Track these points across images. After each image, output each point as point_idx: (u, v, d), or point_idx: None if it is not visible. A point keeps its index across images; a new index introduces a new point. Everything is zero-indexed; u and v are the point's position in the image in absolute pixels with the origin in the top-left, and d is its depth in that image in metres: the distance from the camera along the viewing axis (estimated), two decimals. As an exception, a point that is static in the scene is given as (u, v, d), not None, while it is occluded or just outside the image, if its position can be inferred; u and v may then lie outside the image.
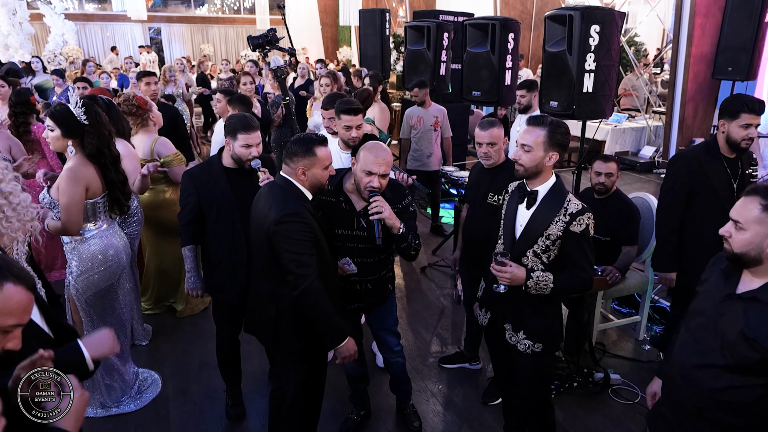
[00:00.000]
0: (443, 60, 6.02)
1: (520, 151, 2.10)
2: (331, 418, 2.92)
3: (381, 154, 2.22)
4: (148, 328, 3.73)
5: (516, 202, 2.21)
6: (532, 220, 2.12)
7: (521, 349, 2.23)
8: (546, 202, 2.11)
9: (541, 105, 4.01)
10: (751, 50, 5.48)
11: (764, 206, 1.49)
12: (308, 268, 2.03)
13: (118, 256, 2.81)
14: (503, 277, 2.07)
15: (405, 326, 3.90)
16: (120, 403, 2.98)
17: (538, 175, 2.12)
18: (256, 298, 2.30)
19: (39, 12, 13.43)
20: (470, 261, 3.06)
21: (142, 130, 3.65)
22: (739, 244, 1.53)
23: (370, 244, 2.35)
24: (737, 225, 1.54)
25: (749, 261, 1.54)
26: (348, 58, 14.85)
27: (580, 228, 2.05)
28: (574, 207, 2.06)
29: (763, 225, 1.49)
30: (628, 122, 8.89)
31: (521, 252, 2.15)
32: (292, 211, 2.05)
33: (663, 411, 1.82)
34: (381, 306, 2.60)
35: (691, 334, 1.71)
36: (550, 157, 2.09)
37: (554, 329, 2.27)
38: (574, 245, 2.07)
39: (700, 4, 7.02)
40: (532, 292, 2.10)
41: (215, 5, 19.45)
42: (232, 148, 2.61)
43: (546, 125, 2.08)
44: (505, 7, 10.74)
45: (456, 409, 3.07)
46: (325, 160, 2.16)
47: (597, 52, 3.59)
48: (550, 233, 2.08)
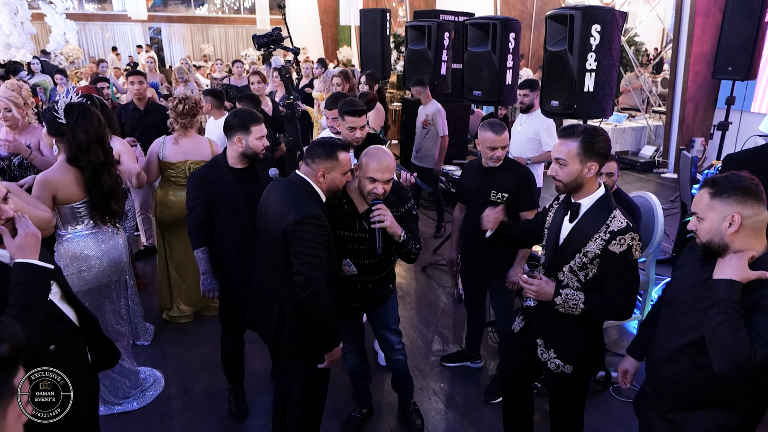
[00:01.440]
0: (444, 60, 6.03)
1: (556, 166, 1.98)
2: (334, 416, 2.93)
3: (384, 160, 2.21)
4: (150, 327, 3.74)
5: (561, 214, 2.10)
6: (571, 235, 2.02)
7: (551, 368, 2.14)
8: (588, 217, 1.98)
9: (542, 104, 4.02)
10: (751, 50, 5.48)
11: (711, 193, 1.61)
12: (320, 272, 2.04)
13: (101, 259, 2.76)
14: (530, 289, 2.03)
15: (406, 325, 3.91)
16: (122, 402, 2.99)
17: (580, 189, 1.99)
18: (259, 295, 2.31)
19: (40, 12, 13.43)
20: (470, 259, 3.07)
21: (188, 132, 3.63)
22: (703, 234, 1.64)
23: (372, 246, 2.36)
24: (697, 217, 1.65)
25: (717, 248, 1.62)
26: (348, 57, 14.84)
27: (621, 248, 1.90)
28: (617, 225, 1.91)
29: (715, 210, 1.60)
30: (628, 122, 8.91)
31: (557, 267, 2.06)
32: (313, 213, 2.05)
33: (647, 392, 1.87)
34: (382, 305, 2.61)
35: (671, 318, 1.77)
36: (589, 169, 1.94)
37: (588, 352, 2.11)
38: (612, 266, 1.93)
39: (701, 4, 7.03)
40: (560, 311, 2.01)
41: (215, 5, 19.46)
42: (246, 143, 2.60)
43: (578, 135, 1.94)
44: (506, 7, 10.73)
45: (458, 408, 3.08)
46: (345, 165, 2.17)
47: (598, 52, 3.60)
48: (588, 250, 1.95)
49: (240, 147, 2.62)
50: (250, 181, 2.67)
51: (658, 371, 1.80)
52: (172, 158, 3.58)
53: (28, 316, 1.44)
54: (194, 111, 3.57)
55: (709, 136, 7.51)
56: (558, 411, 2.30)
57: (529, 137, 4.41)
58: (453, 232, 3.29)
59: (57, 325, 1.71)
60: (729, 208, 1.58)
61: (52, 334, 1.66)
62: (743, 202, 1.57)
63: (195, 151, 3.61)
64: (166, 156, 3.59)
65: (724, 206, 1.58)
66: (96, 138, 2.58)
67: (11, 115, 3.28)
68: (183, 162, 3.60)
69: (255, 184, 2.63)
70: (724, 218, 1.58)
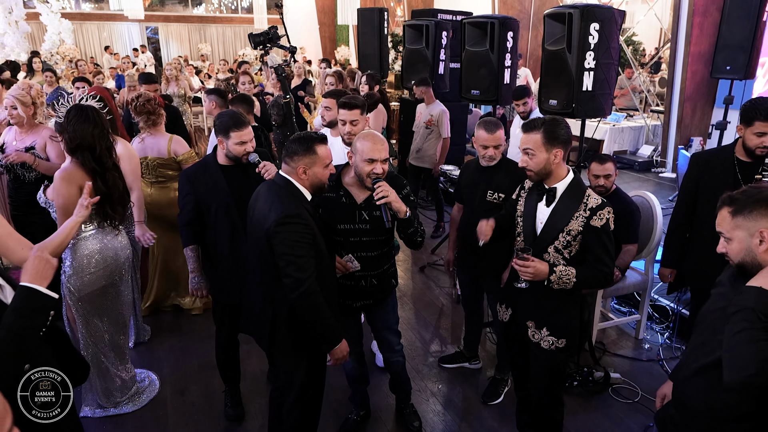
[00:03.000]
0: (442, 59, 6.02)
1: (525, 157, 2.14)
2: (331, 418, 2.91)
3: (378, 139, 2.26)
4: (147, 328, 3.71)
5: (535, 200, 2.23)
6: (552, 217, 2.15)
7: (545, 346, 2.24)
8: (565, 199, 2.14)
9: (541, 103, 4.00)
10: (750, 49, 5.47)
11: (732, 212, 1.56)
12: (306, 272, 2.01)
13: (116, 257, 2.78)
14: (526, 271, 2.09)
15: (404, 326, 3.89)
16: (117, 404, 2.96)
17: (550, 175, 2.15)
18: (252, 298, 2.29)
19: (35, 11, 13.38)
20: (468, 259, 3.05)
21: (154, 129, 3.69)
22: (735, 254, 1.58)
23: (373, 237, 2.36)
24: (724, 237, 1.61)
25: (750, 267, 1.55)
26: (346, 57, 14.82)
27: (601, 222, 2.08)
28: (593, 202, 2.11)
29: (741, 228, 1.54)
30: (626, 121, 8.90)
31: (542, 248, 2.17)
32: (292, 212, 2.03)
33: (671, 413, 1.83)
34: (384, 302, 2.59)
35: (699, 337, 1.70)
36: (555, 155, 2.11)
37: (575, 322, 2.28)
38: (595, 239, 2.10)
39: (698, 3, 7.02)
40: (555, 287, 2.11)
41: (213, 5, 19.41)
42: (226, 147, 2.60)
43: (539, 126, 2.11)
44: (504, 6, 10.71)
45: (456, 409, 3.06)
46: (325, 158, 2.15)
47: (596, 51, 3.59)
48: (571, 229, 2.11)
49: (222, 149, 2.63)
50: (239, 179, 2.65)
51: (682, 391, 1.74)
52: (139, 155, 3.60)
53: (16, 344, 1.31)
54: (149, 107, 3.57)
55: (708, 136, 7.51)
56: (543, 386, 2.36)
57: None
58: (451, 232, 3.27)
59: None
60: (755, 224, 1.51)
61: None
62: (766, 215, 1.50)
63: (153, 147, 3.70)
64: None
65: (749, 223, 1.52)
66: (86, 144, 2.53)
67: (17, 113, 3.26)
68: (143, 158, 3.65)
69: (245, 182, 2.61)
70: (752, 236, 1.52)
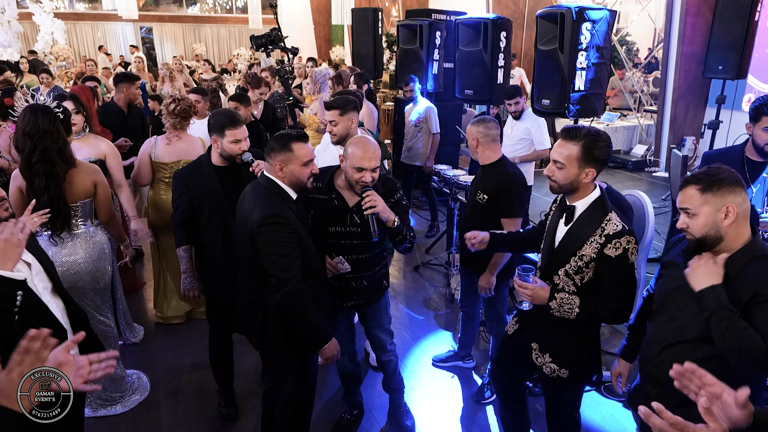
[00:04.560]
0: (435, 59, 6.03)
1: (553, 167, 1.95)
2: (325, 417, 2.91)
3: (369, 148, 2.19)
4: (139, 328, 3.70)
5: (557, 217, 2.07)
6: (567, 238, 1.99)
7: (547, 372, 2.11)
8: (583, 220, 1.95)
9: (534, 103, 4.02)
10: (741, 49, 5.51)
11: (701, 188, 1.61)
12: (290, 271, 2.01)
13: (78, 263, 2.71)
14: (524, 293, 1.99)
15: (398, 325, 3.89)
16: (106, 405, 2.95)
17: (575, 192, 1.97)
18: (242, 298, 2.29)
19: (28, 11, 13.30)
20: (465, 259, 3.06)
21: (181, 132, 3.55)
22: (698, 229, 1.63)
23: (364, 240, 2.34)
24: (688, 213, 1.64)
25: (711, 241, 1.62)
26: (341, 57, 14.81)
27: (616, 252, 1.86)
28: (612, 228, 1.88)
29: (709, 204, 1.60)
30: (620, 121, 8.95)
31: (553, 270, 2.03)
32: (273, 212, 2.02)
33: (645, 389, 1.84)
34: (377, 302, 2.59)
35: (664, 315, 1.77)
36: (586, 174, 1.91)
37: (584, 356, 2.08)
38: (608, 271, 1.89)
39: (691, 4, 7.06)
40: (555, 314, 1.98)
41: (207, 4, 19.35)
42: (221, 146, 2.59)
43: (581, 138, 1.89)
44: (498, 6, 10.72)
45: (449, 408, 3.06)
46: (303, 156, 2.11)
47: (589, 51, 3.61)
48: (584, 254, 1.92)
49: (217, 148, 2.62)
50: (233, 179, 2.65)
51: (656, 368, 1.77)
52: (165, 159, 3.53)
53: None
54: (186, 113, 3.50)
55: (700, 135, 7.55)
56: (554, 412, 2.27)
57: (521, 137, 4.41)
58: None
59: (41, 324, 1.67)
60: (722, 200, 1.59)
61: None
62: (733, 191, 1.59)
63: (189, 150, 3.56)
64: (158, 156, 3.54)
65: (717, 199, 1.59)
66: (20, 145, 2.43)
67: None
68: (176, 162, 3.54)
69: (239, 183, 2.60)
70: (718, 210, 1.59)
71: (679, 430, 1.27)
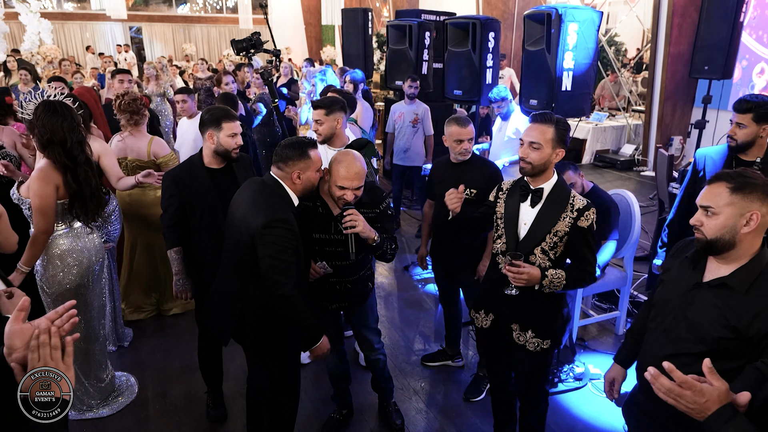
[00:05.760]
0: (425, 59, 6.04)
1: (528, 149, 2.06)
2: (314, 417, 2.91)
3: (352, 168, 2.17)
4: (128, 331, 3.68)
5: (517, 201, 2.17)
6: (540, 218, 2.11)
7: (530, 348, 2.20)
8: (552, 200, 2.11)
9: (521, 103, 4.05)
10: (727, 49, 5.58)
11: (732, 188, 1.52)
12: (287, 276, 2.02)
13: (88, 258, 2.74)
14: (520, 278, 2.02)
15: (387, 324, 3.90)
16: (93, 407, 2.92)
17: (543, 173, 2.10)
18: (220, 292, 2.28)
19: (15, 11, 13.17)
20: (443, 256, 3.07)
21: (135, 129, 3.58)
22: (713, 230, 1.54)
23: (348, 248, 2.33)
24: (708, 211, 1.56)
25: (723, 245, 1.54)
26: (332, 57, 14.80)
27: (587, 223, 2.07)
28: (580, 203, 2.08)
29: (734, 206, 1.51)
30: (608, 120, 9.02)
31: (529, 250, 2.13)
32: (282, 216, 2.03)
33: (639, 399, 1.84)
34: (361, 304, 2.60)
35: (660, 325, 1.72)
36: (557, 154, 2.08)
37: (559, 323, 2.25)
38: (581, 240, 2.09)
39: (677, 4, 7.13)
40: (546, 291, 2.08)
41: (197, 4, 19.26)
42: (217, 140, 2.56)
43: (553, 122, 2.06)
44: (488, 7, 10.77)
45: (438, 407, 3.07)
46: (317, 162, 2.16)
47: (575, 51, 3.64)
48: (558, 230, 2.08)
49: (212, 144, 2.58)
50: (226, 182, 2.63)
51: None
52: (118, 155, 3.54)
53: None
54: (133, 107, 3.50)
55: (687, 135, 7.64)
56: (534, 388, 2.34)
57: (509, 137, 4.43)
58: (423, 228, 3.31)
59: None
60: (750, 205, 1.51)
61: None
62: (762, 200, 1.51)
63: (133, 147, 3.60)
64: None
65: (745, 202, 1.51)
66: (56, 138, 2.50)
67: None
68: (123, 159, 3.58)
69: (231, 184, 2.59)
70: (742, 215, 1.51)
71: (688, 389, 1.30)
